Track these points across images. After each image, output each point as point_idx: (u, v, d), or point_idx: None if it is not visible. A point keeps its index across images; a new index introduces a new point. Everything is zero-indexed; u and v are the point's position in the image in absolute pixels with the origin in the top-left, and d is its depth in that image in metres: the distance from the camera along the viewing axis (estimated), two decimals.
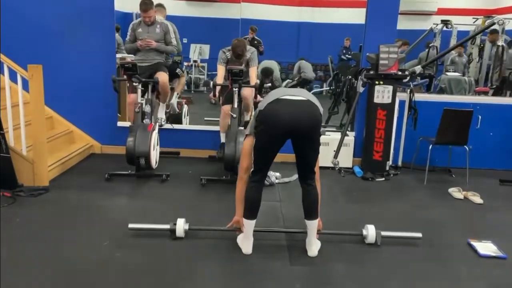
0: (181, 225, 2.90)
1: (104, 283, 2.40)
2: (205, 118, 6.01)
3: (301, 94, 2.62)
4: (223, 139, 4.43)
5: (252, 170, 2.72)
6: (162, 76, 4.46)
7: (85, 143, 4.88)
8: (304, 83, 9.44)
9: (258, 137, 2.63)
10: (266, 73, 7.61)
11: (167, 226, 2.94)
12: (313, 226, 2.74)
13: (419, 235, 3.01)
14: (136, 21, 4.57)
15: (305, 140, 2.62)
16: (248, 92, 4.36)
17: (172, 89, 5.16)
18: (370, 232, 2.93)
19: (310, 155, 2.68)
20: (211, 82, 4.46)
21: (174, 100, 5.28)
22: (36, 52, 4.51)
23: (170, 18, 5.15)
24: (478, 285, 2.53)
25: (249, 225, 2.74)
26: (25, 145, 3.76)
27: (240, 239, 2.85)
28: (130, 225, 2.97)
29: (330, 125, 5.84)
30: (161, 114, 4.76)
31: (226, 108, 4.29)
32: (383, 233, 2.95)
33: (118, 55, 5.16)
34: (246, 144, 2.75)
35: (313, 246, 2.76)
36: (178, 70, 5.09)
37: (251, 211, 2.73)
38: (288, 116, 2.52)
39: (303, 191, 2.75)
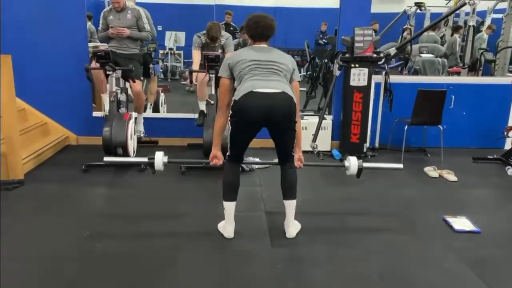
0: (160, 158, 2.83)
1: (86, 273, 2.38)
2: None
3: (275, 86, 2.57)
4: (201, 107, 4.41)
5: (228, 154, 2.75)
6: (136, 86, 4.38)
7: (60, 135, 4.78)
8: None
9: (233, 126, 2.65)
10: None
11: (145, 159, 2.89)
12: (290, 206, 2.77)
13: (400, 166, 3.06)
14: (107, 9, 4.46)
15: (280, 130, 2.66)
16: None
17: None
18: (352, 163, 2.92)
19: (286, 142, 2.72)
20: (187, 72, 4.41)
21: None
22: (4, 42, 4.35)
23: (144, 5, 5.05)
24: (454, 259, 2.60)
25: (229, 207, 2.75)
26: None
27: (221, 225, 2.86)
28: (106, 158, 2.98)
29: (308, 109, 5.87)
30: (140, 126, 4.63)
31: (202, 75, 4.24)
32: (365, 165, 2.96)
33: (91, 44, 5.04)
34: (221, 86, 2.74)
35: (291, 227, 2.79)
36: (151, 68, 5.00)
37: (230, 192, 2.75)
38: (262, 110, 2.53)
39: (281, 173, 2.80)
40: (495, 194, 3.77)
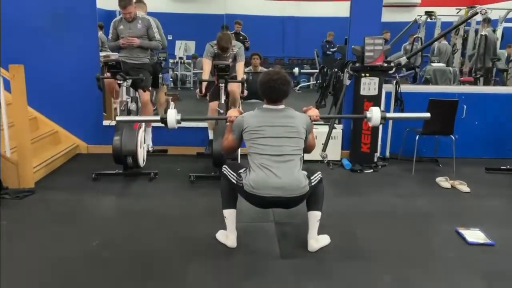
0: (173, 115, 2.79)
1: (93, 282, 2.37)
2: None
3: (285, 177, 2.52)
4: (211, 136, 4.41)
5: (227, 173, 2.74)
6: (144, 96, 4.39)
7: (70, 143, 4.81)
8: None
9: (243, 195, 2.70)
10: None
11: (157, 118, 2.91)
12: (313, 218, 2.71)
13: (428, 115, 3.02)
14: (117, 18, 4.49)
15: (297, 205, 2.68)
16: (235, 86, 4.32)
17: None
18: (374, 113, 2.83)
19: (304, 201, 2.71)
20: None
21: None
22: (17, 51, 4.41)
23: (154, 14, 5.09)
24: (467, 273, 2.55)
25: (230, 215, 2.73)
26: (9, 147, 3.68)
27: (222, 235, 2.82)
28: (118, 118, 3.16)
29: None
30: (149, 140, 4.63)
31: (213, 105, 4.25)
32: (389, 115, 2.87)
33: (102, 53, 5.09)
34: (227, 140, 2.78)
35: (312, 241, 2.72)
36: (160, 78, 5.01)
37: (229, 200, 2.74)
38: (274, 200, 2.56)
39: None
40: (509, 205, 3.70)
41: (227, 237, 2.77)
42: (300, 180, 2.56)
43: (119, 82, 4.07)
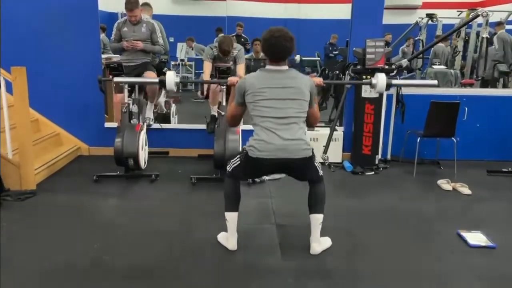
0: (172, 77, 2.77)
1: (94, 283, 2.37)
2: None
3: (288, 138, 2.51)
4: (213, 112, 4.44)
5: (230, 171, 2.72)
6: (150, 76, 4.42)
7: (72, 145, 4.82)
8: None
9: (242, 168, 2.67)
10: None
11: (156, 80, 2.90)
12: (315, 220, 2.70)
13: (435, 82, 3.00)
14: (121, 20, 4.51)
15: (298, 172, 2.67)
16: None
17: (160, 89, 5.14)
18: (380, 79, 2.83)
19: (307, 175, 2.69)
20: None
21: (162, 99, 5.24)
22: (19, 53, 4.43)
23: (156, 16, 5.11)
24: (469, 275, 2.55)
25: (232, 218, 2.72)
26: (11, 148, 3.69)
27: (222, 237, 2.82)
28: (116, 79, 3.20)
29: (319, 121, 5.84)
30: (149, 114, 4.71)
31: (215, 86, 4.27)
32: (395, 81, 2.86)
33: (104, 55, 5.10)
34: (232, 108, 2.75)
35: (314, 244, 2.71)
36: (165, 70, 5.05)
37: (232, 203, 2.72)
38: (276, 162, 2.53)
39: (309, 187, 2.74)
40: (511, 208, 3.69)
41: (228, 239, 2.76)
42: (303, 142, 2.54)
43: (121, 84, 4.08)
